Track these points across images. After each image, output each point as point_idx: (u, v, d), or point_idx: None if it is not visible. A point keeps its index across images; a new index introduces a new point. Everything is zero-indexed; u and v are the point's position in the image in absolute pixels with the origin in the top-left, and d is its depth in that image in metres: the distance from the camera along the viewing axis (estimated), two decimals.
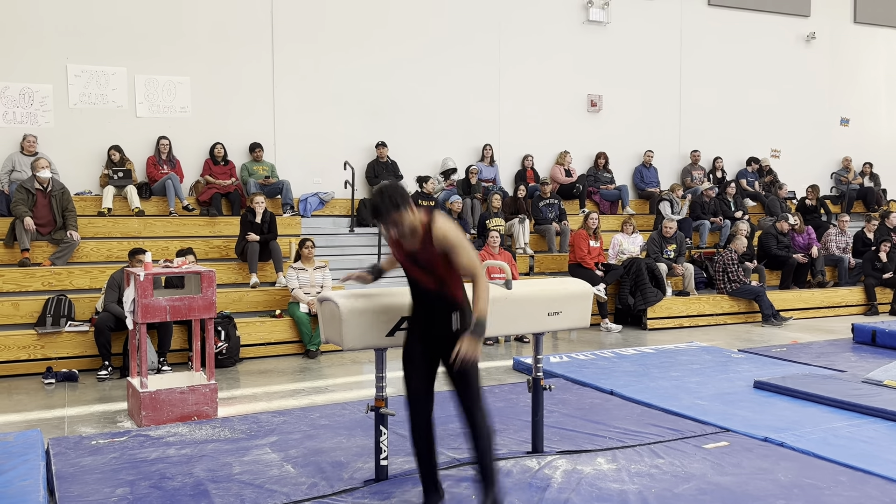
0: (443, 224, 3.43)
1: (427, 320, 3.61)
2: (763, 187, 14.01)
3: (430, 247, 3.43)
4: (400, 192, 3.41)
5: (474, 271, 3.43)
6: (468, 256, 3.43)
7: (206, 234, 9.84)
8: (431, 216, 3.47)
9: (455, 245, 3.41)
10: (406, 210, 3.40)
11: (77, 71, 10.04)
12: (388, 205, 3.38)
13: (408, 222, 3.42)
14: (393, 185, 3.44)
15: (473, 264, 3.44)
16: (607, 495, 4.02)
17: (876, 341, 8.42)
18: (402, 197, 3.40)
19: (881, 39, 15.85)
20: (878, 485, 4.16)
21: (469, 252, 3.44)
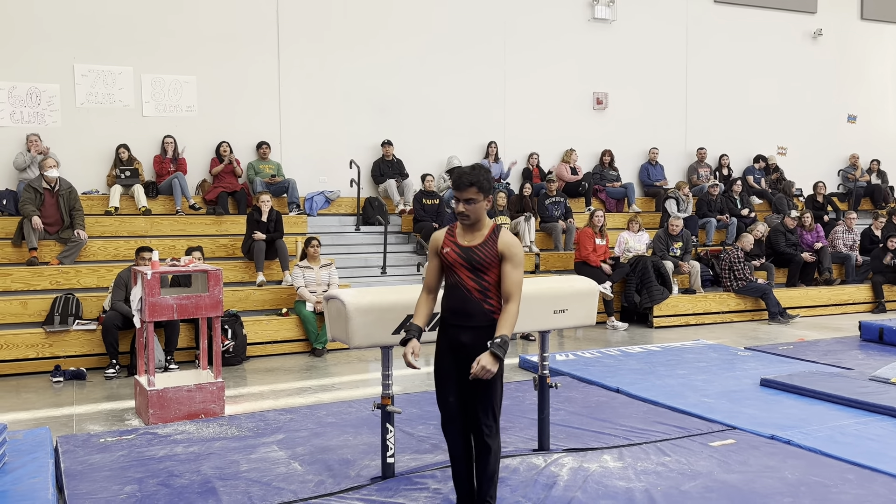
0: (513, 238, 3.46)
1: (461, 329, 3.45)
2: (770, 185, 13.97)
3: (493, 246, 3.41)
4: (493, 182, 3.48)
5: (515, 292, 3.37)
6: (520, 276, 3.41)
7: (212, 232, 9.86)
8: (501, 228, 3.51)
9: (515, 259, 3.40)
10: (486, 198, 3.44)
11: (84, 70, 10.07)
12: (482, 181, 3.40)
13: (480, 207, 3.43)
14: (489, 174, 3.49)
15: (519, 286, 3.39)
16: (614, 493, 4.02)
17: (883, 339, 8.39)
18: (491, 187, 3.45)
19: (888, 36, 15.79)
20: (886, 482, 4.15)
21: (521, 275, 3.41)
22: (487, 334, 3.37)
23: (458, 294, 3.45)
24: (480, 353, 3.33)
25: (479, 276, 3.42)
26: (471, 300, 3.43)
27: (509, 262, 3.39)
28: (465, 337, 3.43)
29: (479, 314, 3.41)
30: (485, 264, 3.42)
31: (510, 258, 3.39)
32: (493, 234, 3.44)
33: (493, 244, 3.42)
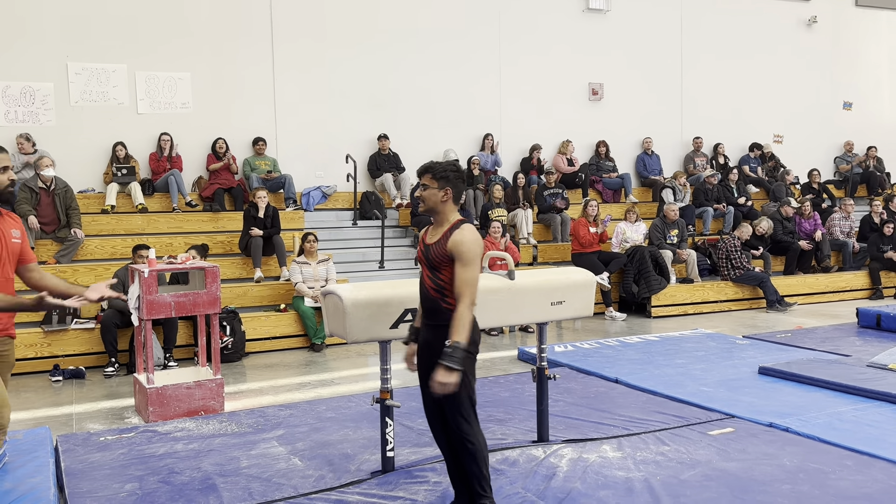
0: (466, 234, 3.33)
1: (426, 327, 3.48)
2: (766, 173, 13.97)
3: (445, 244, 3.35)
4: (459, 176, 3.43)
5: (464, 292, 3.26)
6: (469, 276, 3.27)
7: (209, 229, 9.86)
8: (464, 222, 3.42)
9: (464, 257, 3.28)
10: (443, 189, 3.38)
11: (77, 69, 10.04)
12: (438, 169, 3.38)
13: (433, 195, 3.39)
14: (462, 170, 3.48)
15: (468, 285, 3.26)
16: (613, 483, 4.03)
17: (881, 325, 8.41)
18: (455, 178, 3.40)
19: (883, 22, 15.77)
20: (884, 468, 4.17)
21: (472, 273, 3.29)
22: (447, 333, 3.30)
23: (423, 292, 3.48)
24: (439, 352, 3.28)
25: (435, 274, 3.39)
26: (430, 298, 3.42)
27: (458, 260, 3.30)
28: (428, 335, 3.45)
29: (437, 312, 3.39)
30: (437, 262, 3.37)
31: (458, 256, 3.30)
32: (449, 232, 3.37)
33: (446, 242, 3.35)
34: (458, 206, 3.48)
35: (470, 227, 3.39)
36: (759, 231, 11.13)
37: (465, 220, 3.43)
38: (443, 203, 3.41)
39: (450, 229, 3.38)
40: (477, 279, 3.31)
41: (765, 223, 11.28)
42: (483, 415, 5.30)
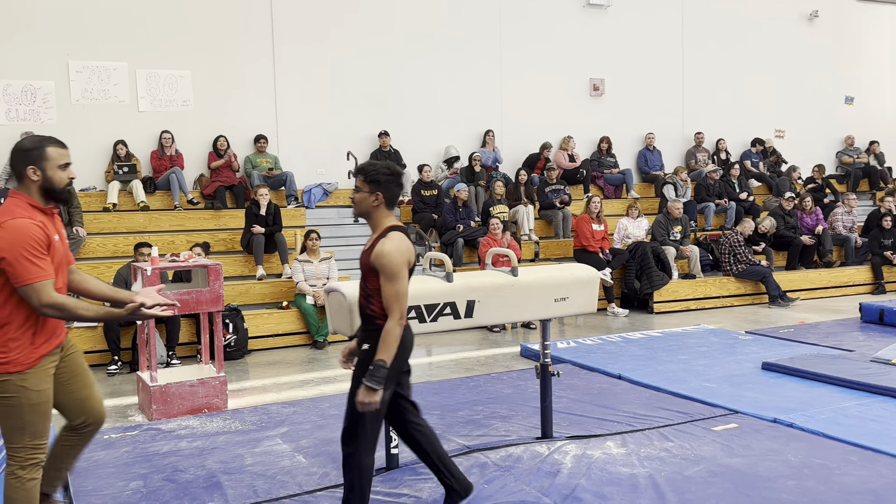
0: (387, 245, 3.13)
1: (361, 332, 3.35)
2: (768, 168, 13.95)
3: (369, 255, 3.19)
4: (392, 179, 3.24)
5: (391, 307, 3.11)
6: (394, 289, 3.10)
7: (211, 227, 9.85)
8: (392, 231, 3.21)
9: (385, 270, 3.11)
10: (374, 194, 3.20)
11: (78, 67, 10.03)
12: (371, 172, 3.22)
13: (364, 199, 3.23)
14: (399, 171, 3.32)
15: (395, 300, 3.10)
16: (617, 479, 4.03)
17: (884, 320, 8.41)
18: (387, 182, 3.22)
19: (885, 16, 15.73)
20: (889, 463, 4.17)
21: (398, 286, 3.10)
22: (371, 340, 3.21)
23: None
24: (361, 355, 3.23)
25: (364, 280, 3.27)
26: (359, 303, 3.32)
27: (381, 273, 3.13)
28: (361, 338, 3.33)
29: (364, 318, 3.28)
30: (364, 270, 3.24)
31: (380, 270, 3.13)
32: (377, 240, 3.20)
33: (371, 251, 3.19)
34: (392, 211, 3.30)
35: (396, 237, 3.18)
36: (762, 229, 11.11)
37: (396, 227, 3.24)
38: (374, 208, 3.24)
39: (378, 237, 3.21)
40: (404, 291, 3.13)
41: (767, 221, 11.26)
42: (487, 412, 5.31)
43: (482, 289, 4.25)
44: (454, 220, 10.27)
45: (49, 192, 3.02)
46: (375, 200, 3.23)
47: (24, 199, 2.99)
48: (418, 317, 4.04)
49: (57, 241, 3.03)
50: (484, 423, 5.05)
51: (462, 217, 10.34)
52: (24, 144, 3.01)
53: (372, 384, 3.08)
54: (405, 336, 3.27)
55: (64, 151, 3.07)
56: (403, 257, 3.15)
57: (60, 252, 3.05)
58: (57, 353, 3.14)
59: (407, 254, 3.19)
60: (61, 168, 3.04)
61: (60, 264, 3.05)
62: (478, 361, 7.29)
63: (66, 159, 3.07)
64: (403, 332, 3.23)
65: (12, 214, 2.91)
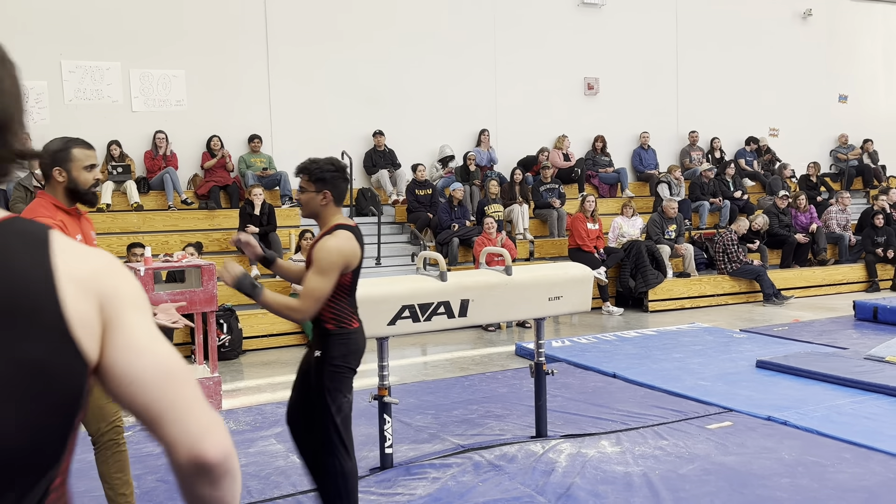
0: (334, 242, 3.02)
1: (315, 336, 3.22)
2: (762, 166, 13.98)
3: (312, 252, 3.08)
4: (339, 175, 3.14)
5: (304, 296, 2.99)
6: (317, 283, 2.97)
7: (205, 227, 9.83)
8: (338, 229, 3.09)
9: (318, 264, 2.99)
10: (321, 192, 3.09)
11: (71, 67, 10.00)
12: (315, 170, 3.09)
13: (311, 199, 3.12)
14: (344, 166, 3.22)
15: (311, 293, 2.97)
16: (612, 478, 4.03)
17: (878, 318, 8.42)
18: (334, 178, 3.11)
19: (879, 15, 15.77)
20: (882, 460, 4.18)
21: (321, 282, 2.97)
22: (321, 343, 3.12)
23: None
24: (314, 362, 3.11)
25: None
26: None
27: (313, 265, 3.02)
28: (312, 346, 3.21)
29: (314, 321, 3.15)
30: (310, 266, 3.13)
31: (314, 262, 3.03)
32: (323, 236, 3.10)
33: (312, 250, 3.08)
34: (340, 208, 3.19)
35: (342, 235, 3.06)
36: (755, 226, 11.13)
37: (345, 225, 3.12)
38: (322, 207, 3.13)
39: (324, 234, 3.10)
40: (321, 293, 2.98)
41: (760, 219, 11.28)
42: (481, 411, 5.31)
43: (476, 288, 4.25)
44: (449, 219, 10.27)
45: (74, 192, 3.05)
46: (324, 199, 3.11)
47: (50, 199, 3.03)
48: (412, 316, 4.04)
49: (79, 241, 2.99)
50: (478, 423, 5.04)
51: (457, 216, 10.34)
52: (51, 146, 3.04)
53: (239, 280, 3.00)
54: (356, 339, 3.17)
55: (90, 153, 3.09)
56: (342, 258, 3.01)
57: None
58: None
59: (349, 255, 3.04)
60: (87, 169, 3.06)
61: None
62: (473, 361, 7.29)
63: (91, 160, 3.08)
64: (355, 335, 3.15)
65: (34, 214, 2.94)
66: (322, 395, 3.08)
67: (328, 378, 3.09)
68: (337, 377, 3.11)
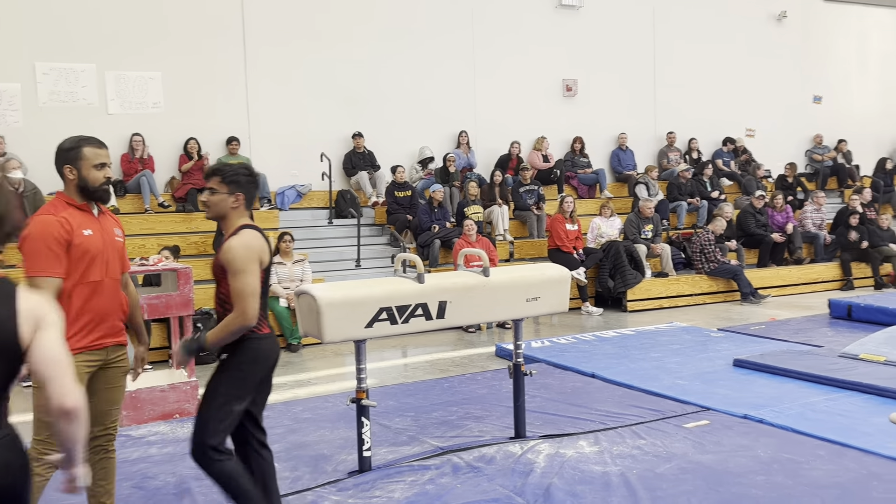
0: (239, 241, 2.99)
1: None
2: (739, 167, 14.11)
3: (218, 256, 3.04)
4: (251, 179, 3.12)
5: (236, 301, 2.95)
6: (240, 284, 2.94)
7: (182, 230, 9.76)
8: (243, 229, 3.05)
9: (231, 266, 2.96)
10: (234, 195, 3.07)
11: (45, 69, 9.88)
12: (229, 172, 3.08)
13: (221, 201, 3.09)
14: (256, 172, 3.17)
15: (239, 295, 2.94)
16: (590, 478, 4.05)
17: (852, 316, 8.53)
18: (247, 182, 3.10)
19: (852, 16, 15.97)
20: (856, 457, 4.23)
21: (243, 282, 2.94)
22: (229, 348, 3.08)
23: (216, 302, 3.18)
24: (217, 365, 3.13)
25: (217, 285, 3.12)
26: (217, 312, 3.14)
27: (227, 270, 2.99)
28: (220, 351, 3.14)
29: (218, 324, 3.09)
30: (217, 274, 3.09)
31: (226, 265, 2.99)
32: (228, 239, 3.05)
33: (219, 253, 3.04)
34: (247, 212, 3.15)
35: (246, 233, 3.03)
36: (724, 216, 11.17)
37: (248, 226, 3.09)
38: (233, 209, 3.10)
39: (230, 236, 3.06)
40: (251, 288, 2.97)
41: (727, 207, 11.37)
42: (460, 412, 5.31)
43: (454, 289, 4.25)
44: (430, 220, 10.26)
45: (84, 190, 3.11)
46: (236, 201, 3.10)
47: (64, 197, 3.12)
48: (390, 318, 4.03)
49: (89, 235, 3.07)
50: (458, 424, 5.04)
51: (437, 218, 10.33)
52: (64, 145, 3.12)
53: (185, 348, 3.03)
54: (265, 346, 3.10)
55: (100, 151, 3.15)
56: (252, 253, 2.99)
57: (94, 246, 3.09)
58: (99, 355, 3.13)
59: (258, 250, 3.01)
60: (97, 168, 3.11)
61: (95, 258, 3.09)
62: (452, 362, 7.29)
63: (101, 159, 3.13)
64: (264, 342, 3.09)
65: (42, 211, 3.08)
66: (214, 397, 3.04)
67: (227, 383, 3.04)
68: (236, 384, 3.05)
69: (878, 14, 16.27)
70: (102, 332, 3.14)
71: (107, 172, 3.14)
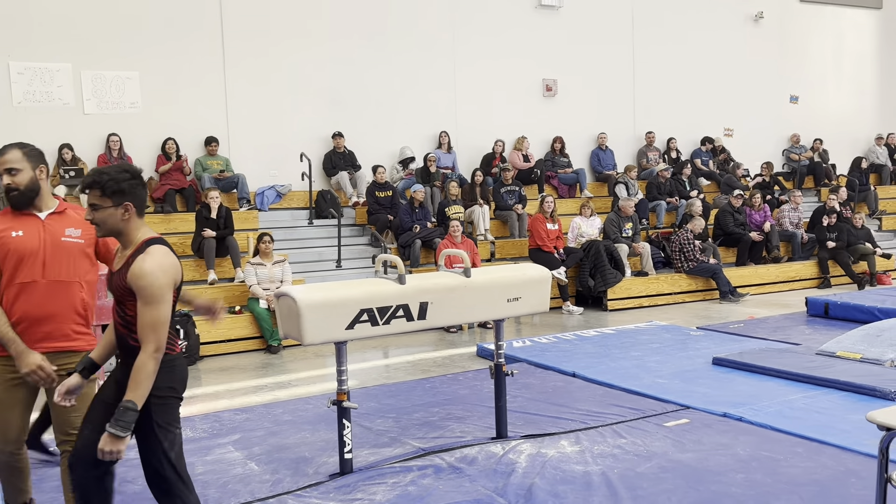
0: (147, 264, 2.66)
1: (119, 366, 2.89)
2: (717, 166, 14.22)
3: (125, 275, 2.71)
4: (136, 182, 2.78)
5: (145, 337, 2.65)
6: (152, 317, 2.65)
7: (160, 231, 9.64)
8: (153, 244, 2.75)
9: (144, 293, 2.65)
10: (121, 206, 2.73)
11: (20, 68, 9.75)
12: (107, 181, 2.71)
13: (109, 216, 2.74)
14: (137, 170, 2.82)
15: (150, 328, 2.64)
16: (571, 477, 4.06)
17: (829, 314, 8.63)
18: (132, 187, 2.75)
19: (828, 17, 16.16)
20: (833, 454, 4.27)
21: (157, 313, 2.65)
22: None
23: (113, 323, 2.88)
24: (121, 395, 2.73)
25: (120, 306, 2.79)
26: (118, 333, 2.83)
27: (138, 297, 2.67)
28: (119, 373, 2.85)
29: (126, 350, 2.80)
30: (120, 294, 2.75)
31: (137, 291, 2.66)
32: (132, 258, 2.72)
33: (127, 270, 2.70)
34: (143, 220, 2.84)
35: (158, 251, 2.72)
36: (695, 211, 11.26)
37: (155, 240, 2.78)
38: (125, 222, 2.76)
39: (133, 254, 2.73)
40: (165, 318, 2.68)
41: (696, 203, 11.45)
42: (442, 413, 5.30)
43: (435, 290, 4.25)
44: (411, 221, 10.25)
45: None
46: (125, 213, 2.75)
47: None
48: (371, 320, 4.02)
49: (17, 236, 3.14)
50: (439, 425, 5.04)
51: (418, 218, 10.32)
52: None
53: (117, 430, 2.61)
54: (180, 366, 2.87)
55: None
56: (168, 277, 2.70)
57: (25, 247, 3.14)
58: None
59: (172, 273, 2.74)
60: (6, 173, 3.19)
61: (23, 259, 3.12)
62: (434, 362, 7.28)
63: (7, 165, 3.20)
64: (179, 361, 2.87)
65: None
66: (152, 432, 2.75)
67: (156, 412, 2.74)
68: (165, 409, 2.78)
69: (854, 14, 16.48)
70: (39, 336, 3.12)
71: (6, 179, 3.17)
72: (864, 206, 14.32)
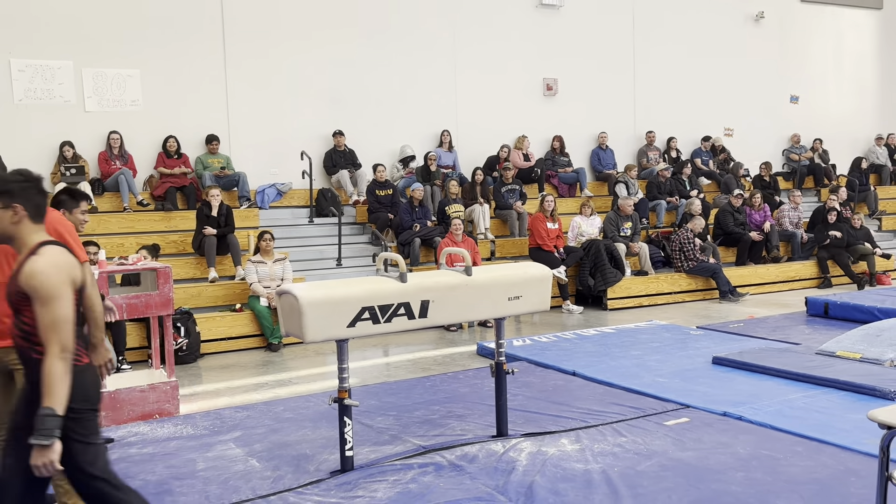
0: (44, 262, 2.56)
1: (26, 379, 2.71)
2: (717, 166, 14.23)
3: (17, 278, 2.60)
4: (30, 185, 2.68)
5: (48, 339, 2.52)
6: (51, 317, 2.52)
7: (161, 228, 9.67)
8: (44, 246, 2.64)
9: (38, 293, 2.53)
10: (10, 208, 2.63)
11: (21, 66, 9.75)
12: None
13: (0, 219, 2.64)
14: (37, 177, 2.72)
15: (51, 329, 2.51)
16: (571, 476, 4.07)
17: (828, 313, 8.64)
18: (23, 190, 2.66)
19: (828, 17, 16.16)
20: (833, 453, 4.28)
21: (55, 312, 2.52)
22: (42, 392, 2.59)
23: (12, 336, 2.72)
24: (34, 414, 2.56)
25: (17, 316, 2.64)
26: (19, 349, 2.68)
27: (33, 298, 2.55)
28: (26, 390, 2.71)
29: (30, 364, 2.65)
30: (14, 301, 2.62)
31: (31, 293, 2.54)
32: (24, 262, 2.61)
33: (18, 278, 2.60)
34: (39, 225, 2.71)
35: (50, 251, 2.62)
36: (693, 210, 11.27)
37: (49, 242, 2.68)
38: (15, 225, 2.66)
39: (27, 256, 2.63)
40: (65, 318, 2.54)
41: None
42: (443, 411, 5.31)
43: (436, 288, 4.26)
44: (411, 219, 10.26)
45: None
46: (14, 216, 2.65)
47: None
48: (372, 318, 4.03)
49: None
50: (440, 423, 5.05)
51: (419, 217, 10.33)
52: None
53: (41, 440, 2.46)
54: (91, 375, 2.71)
55: None
56: (63, 274, 2.58)
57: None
58: None
59: (67, 270, 2.61)
60: None
61: None
62: (435, 361, 7.29)
63: None
64: (90, 371, 2.72)
65: None
66: (71, 449, 2.60)
67: (73, 428, 2.59)
68: (81, 423, 2.64)
69: (854, 14, 16.49)
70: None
71: None
72: (864, 206, 14.34)
